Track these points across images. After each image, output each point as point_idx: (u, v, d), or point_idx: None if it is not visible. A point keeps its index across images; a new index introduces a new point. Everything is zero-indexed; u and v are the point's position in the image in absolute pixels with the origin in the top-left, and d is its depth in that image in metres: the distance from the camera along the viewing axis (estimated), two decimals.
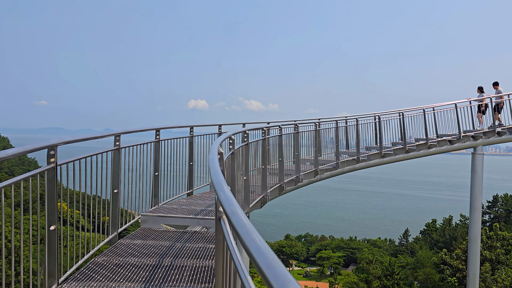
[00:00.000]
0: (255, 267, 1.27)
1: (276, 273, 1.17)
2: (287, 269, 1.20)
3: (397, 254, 68.73)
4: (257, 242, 1.38)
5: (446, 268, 38.38)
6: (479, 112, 17.67)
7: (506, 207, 66.86)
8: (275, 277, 1.16)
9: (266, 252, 1.30)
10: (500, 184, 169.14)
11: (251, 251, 1.33)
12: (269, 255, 1.28)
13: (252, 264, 1.40)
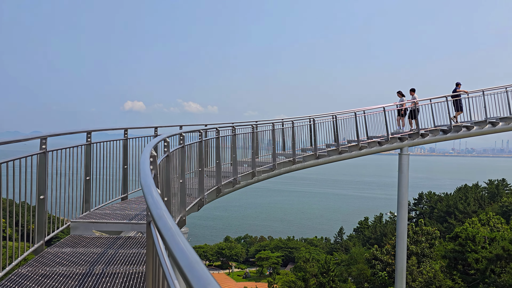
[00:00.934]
0: (178, 270, 1.28)
1: (198, 275, 1.19)
2: (209, 272, 1.22)
3: (333, 251, 71.25)
4: (181, 246, 1.39)
5: (377, 263, 40.38)
6: (399, 115, 18.66)
7: (430, 204, 71.68)
8: (197, 280, 1.18)
9: (189, 255, 1.31)
10: (425, 183, 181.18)
11: (175, 254, 1.34)
12: (192, 258, 1.30)
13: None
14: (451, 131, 18.80)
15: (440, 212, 65.61)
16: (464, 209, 61.73)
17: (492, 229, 43.78)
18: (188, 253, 1.33)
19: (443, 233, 51.64)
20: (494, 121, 18.69)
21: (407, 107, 18.72)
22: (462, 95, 19.14)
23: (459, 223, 54.40)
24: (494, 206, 60.28)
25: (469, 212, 59.52)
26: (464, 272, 37.38)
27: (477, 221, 44.76)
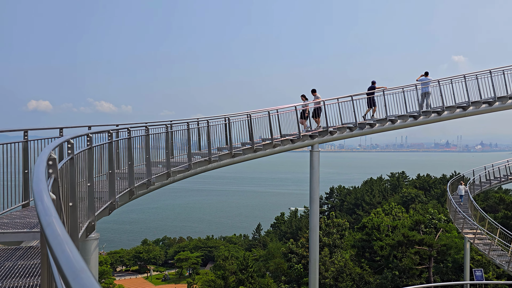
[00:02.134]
0: (62, 279, 1.24)
1: (82, 284, 1.16)
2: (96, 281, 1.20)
3: (251, 248, 72.48)
4: (68, 254, 1.34)
5: (293, 257, 41.90)
6: (302, 118, 19.20)
7: (340, 197, 76.01)
8: None
9: (75, 264, 1.28)
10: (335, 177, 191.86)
11: (60, 263, 1.30)
12: (78, 266, 1.26)
13: None
14: (357, 128, 20.10)
15: (349, 204, 69.88)
16: (370, 201, 66.39)
17: (394, 218, 47.68)
18: (74, 262, 1.29)
19: (352, 224, 55.13)
20: (393, 118, 20.32)
21: (312, 107, 19.35)
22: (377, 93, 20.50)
23: (366, 214, 58.38)
24: (396, 197, 65.64)
25: (375, 203, 64.17)
26: (371, 259, 40.25)
27: (381, 211, 48.43)
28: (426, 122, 20.89)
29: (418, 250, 35.39)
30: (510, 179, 30.23)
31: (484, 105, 20.33)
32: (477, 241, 24.97)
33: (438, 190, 63.48)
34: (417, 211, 50.59)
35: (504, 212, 42.10)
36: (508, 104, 20.31)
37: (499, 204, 44.81)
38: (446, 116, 20.55)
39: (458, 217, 26.64)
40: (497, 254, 23.89)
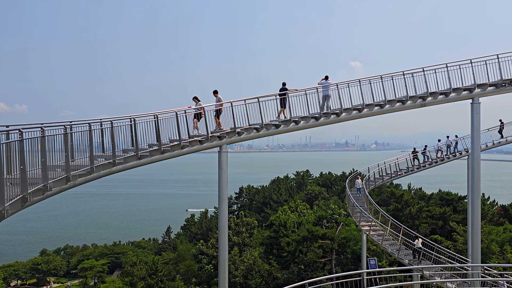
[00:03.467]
0: None
1: None
2: None
3: (161, 252, 70.82)
4: None
5: (203, 258, 41.84)
6: (195, 118, 18.80)
7: (249, 196, 77.55)
8: None
9: None
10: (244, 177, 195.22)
11: None
12: None
13: None
14: (263, 129, 20.74)
15: (258, 203, 71.62)
16: (277, 199, 68.70)
17: (299, 214, 49.92)
18: None
19: (261, 222, 56.57)
20: (297, 120, 21.32)
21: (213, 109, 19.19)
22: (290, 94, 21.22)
23: (274, 212, 60.31)
24: (301, 194, 68.77)
25: (282, 201, 66.56)
26: (278, 255, 41.68)
27: (287, 208, 50.40)
28: (326, 123, 22.22)
29: (322, 244, 37.52)
30: (399, 175, 33.35)
31: (376, 107, 22.21)
32: (372, 232, 27.22)
33: (339, 187, 67.78)
34: (320, 207, 53.54)
35: (395, 205, 46.34)
36: (397, 106, 22.42)
37: (390, 198, 49.15)
38: (344, 117, 22.08)
39: (355, 211, 28.78)
40: (389, 243, 26.27)
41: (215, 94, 19.99)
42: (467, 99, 22.06)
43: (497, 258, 36.47)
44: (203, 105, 18.86)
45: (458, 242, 39.64)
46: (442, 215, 45.91)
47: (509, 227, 43.04)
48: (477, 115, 21.80)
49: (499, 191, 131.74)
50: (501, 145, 31.81)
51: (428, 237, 37.68)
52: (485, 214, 44.37)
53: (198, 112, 18.74)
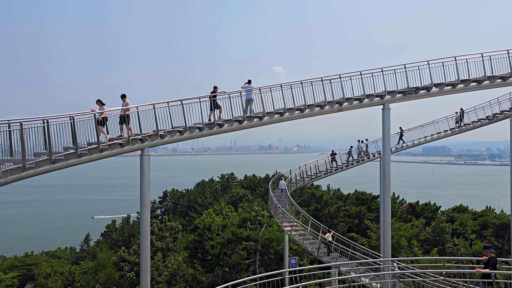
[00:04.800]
0: None
1: None
2: None
3: (79, 261, 66.98)
4: None
5: (125, 265, 40.33)
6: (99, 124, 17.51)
7: (173, 200, 76.25)
8: None
9: None
10: (169, 181, 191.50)
11: None
12: None
13: None
14: (187, 132, 20.59)
15: (183, 207, 70.66)
16: (202, 202, 68.32)
17: (224, 217, 50.11)
18: None
19: (185, 226, 55.89)
20: (220, 123, 21.45)
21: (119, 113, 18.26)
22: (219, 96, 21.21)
23: (198, 215, 59.86)
24: (226, 197, 69.03)
25: (206, 204, 66.31)
26: (203, 259, 41.49)
27: (212, 211, 50.35)
28: (250, 126, 22.60)
29: (246, 246, 37.99)
30: (319, 176, 34.82)
31: (297, 111, 23.05)
32: (294, 232, 28.16)
33: (262, 189, 69.11)
34: (245, 209, 54.17)
35: (315, 205, 48.34)
36: (316, 111, 23.45)
37: (311, 199, 51.19)
38: (267, 121, 22.62)
39: (278, 213, 29.56)
40: (309, 242, 27.35)
41: (122, 98, 18.89)
42: (379, 105, 23.72)
43: (405, 252, 39.50)
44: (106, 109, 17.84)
45: (372, 238, 42.32)
46: (358, 214, 48.74)
47: (416, 223, 46.84)
48: (388, 120, 23.51)
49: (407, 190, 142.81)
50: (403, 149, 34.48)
51: (345, 235, 39.77)
52: (395, 212, 47.87)
53: (103, 116, 17.56)
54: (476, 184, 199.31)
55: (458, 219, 47.82)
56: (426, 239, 43.70)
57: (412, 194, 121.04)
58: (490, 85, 23.74)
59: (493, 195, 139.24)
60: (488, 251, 11.98)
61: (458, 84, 23.58)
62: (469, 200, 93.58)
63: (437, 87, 23.65)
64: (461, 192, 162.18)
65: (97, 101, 18.36)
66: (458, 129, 32.05)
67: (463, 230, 45.06)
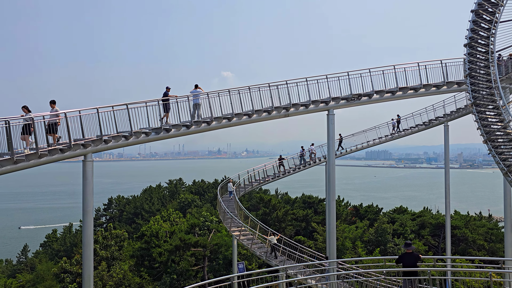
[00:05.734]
0: None
1: None
2: None
3: (16, 274, 63.00)
4: None
5: (67, 276, 38.51)
6: (24, 133, 16.44)
7: (119, 207, 73.90)
8: None
9: None
10: (114, 187, 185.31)
11: None
12: None
13: None
14: (132, 137, 20.11)
15: (129, 214, 68.64)
16: (149, 209, 66.79)
17: (172, 223, 49.28)
18: None
19: (132, 233, 54.32)
20: (168, 127, 21.16)
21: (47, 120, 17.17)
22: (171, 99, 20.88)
23: (145, 222, 58.40)
24: (174, 203, 67.93)
25: (154, 211, 64.89)
26: (150, 267, 40.53)
27: (160, 218, 49.34)
28: (198, 131, 22.50)
29: (194, 252, 37.61)
30: (267, 181, 35.25)
31: (245, 116, 23.24)
32: (242, 237, 28.24)
33: (211, 194, 68.71)
34: (193, 215, 53.60)
35: (264, 209, 48.78)
36: (263, 116, 23.77)
37: (259, 203, 51.58)
38: (215, 126, 22.62)
39: (226, 217, 29.54)
40: (257, 246, 27.54)
41: (51, 104, 17.74)
42: (324, 111, 24.47)
43: (350, 253, 40.83)
44: (32, 115, 16.66)
45: (318, 241, 43.35)
46: (305, 217, 49.76)
47: (360, 225, 48.58)
48: (332, 125, 24.31)
49: (352, 193, 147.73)
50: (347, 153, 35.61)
51: (293, 238, 40.44)
52: (340, 214, 49.39)
53: (27, 123, 16.42)
54: (415, 186, 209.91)
55: (398, 220, 50.12)
56: (369, 240, 45.40)
57: (357, 197, 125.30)
58: (426, 92, 25.23)
59: (430, 197, 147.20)
60: (406, 248, 12.74)
61: (397, 92, 24.86)
62: (408, 202, 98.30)
63: (378, 94, 24.79)
64: (401, 194, 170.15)
65: (23, 107, 16.98)
66: (397, 134, 33.71)
67: (403, 230, 47.26)
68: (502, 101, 19.39)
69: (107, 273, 38.07)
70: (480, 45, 21.14)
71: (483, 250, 44.45)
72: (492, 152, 18.29)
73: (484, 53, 21.00)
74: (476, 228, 47.37)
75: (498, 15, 21.09)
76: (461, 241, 45.86)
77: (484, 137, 18.62)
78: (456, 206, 67.84)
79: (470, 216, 53.51)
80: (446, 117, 32.03)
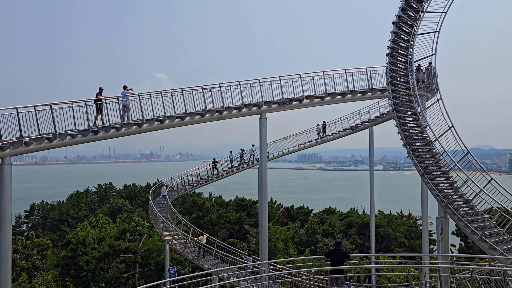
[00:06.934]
0: None
1: None
2: None
3: None
4: None
5: None
6: None
7: (43, 214, 69.45)
8: None
9: None
10: (38, 193, 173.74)
11: None
12: None
13: None
14: (57, 139, 19.06)
15: (53, 220, 64.70)
16: (76, 215, 63.42)
17: (101, 229, 47.22)
18: None
19: (57, 241, 51.25)
20: (96, 129, 20.29)
21: None
22: (104, 100, 19.98)
23: (72, 229, 55.41)
24: (103, 208, 65.14)
25: (81, 217, 61.73)
26: (76, 276, 38.52)
27: (87, 224, 47.08)
28: (128, 134, 21.82)
29: (124, 259, 36.35)
30: (200, 184, 35.00)
31: (177, 119, 22.92)
32: (175, 241, 27.82)
33: (143, 198, 66.81)
34: (124, 220, 51.80)
35: (197, 213, 48.39)
36: (197, 119, 23.61)
37: (193, 206, 51.09)
38: (147, 128, 22.08)
39: (158, 222, 28.94)
40: (190, 250, 27.29)
41: None
42: (256, 114, 24.85)
43: (282, 254, 41.73)
44: None
45: (251, 243, 43.81)
46: (238, 219, 50.06)
47: (292, 226, 49.84)
48: (265, 129, 24.75)
49: (284, 195, 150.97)
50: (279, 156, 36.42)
51: (226, 241, 40.52)
52: (272, 216, 50.32)
53: None
54: (343, 188, 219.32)
55: (327, 220, 52.10)
56: (300, 240, 46.71)
57: (289, 199, 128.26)
58: (352, 98, 26.57)
59: (357, 197, 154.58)
60: (336, 247, 13.41)
61: (326, 97, 25.91)
62: (337, 203, 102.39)
63: (308, 98, 25.68)
64: (330, 196, 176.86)
65: None
66: (326, 137, 35.10)
67: (331, 230, 49.21)
68: (420, 108, 20.92)
69: (28, 285, 35.66)
70: (400, 55, 22.71)
71: (404, 247, 47.53)
72: (411, 155, 19.65)
73: (403, 63, 22.59)
74: (398, 227, 50.55)
75: (416, 28, 22.81)
76: (385, 239, 48.68)
77: (404, 141, 19.96)
78: (380, 206, 71.85)
79: (392, 215, 57.02)
80: (371, 122, 33.93)
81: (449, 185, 18.99)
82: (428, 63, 24.34)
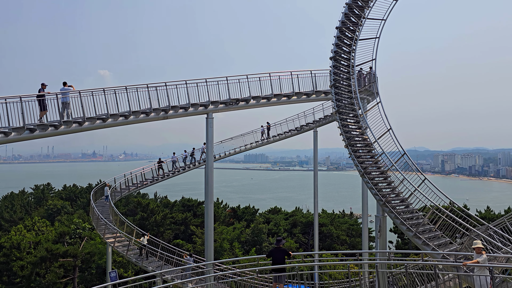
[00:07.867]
0: None
1: None
2: None
3: None
4: None
5: None
6: None
7: None
8: None
9: None
10: None
11: None
12: None
13: None
14: None
15: None
16: (10, 218, 59.68)
17: (37, 233, 44.78)
18: None
19: None
20: (32, 127, 19.23)
21: None
22: (47, 96, 18.89)
23: (6, 232, 52.08)
24: (40, 210, 61.80)
25: (16, 220, 58.21)
26: (10, 282, 36.37)
27: (22, 227, 44.46)
28: (68, 132, 20.87)
29: (63, 263, 34.75)
30: (145, 184, 34.21)
31: (121, 117, 22.25)
32: (118, 244, 27.00)
33: (84, 200, 64.17)
34: (63, 222, 49.48)
35: (141, 214, 47.22)
36: (141, 118, 23.08)
37: (137, 207, 49.81)
38: (88, 126, 21.22)
39: (100, 224, 27.96)
40: (133, 253, 26.61)
41: None
42: (203, 114, 24.71)
43: (228, 254, 41.76)
44: None
45: (197, 244, 43.46)
46: (184, 220, 49.45)
47: (238, 226, 50.00)
48: (211, 129, 24.67)
49: (231, 195, 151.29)
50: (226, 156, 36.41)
51: (171, 242, 39.91)
52: (218, 216, 50.22)
53: None
54: (288, 188, 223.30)
55: (273, 219, 52.81)
56: (246, 240, 46.98)
57: (235, 199, 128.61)
58: (297, 100, 27.16)
59: (301, 197, 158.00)
60: (277, 244, 13.72)
61: (272, 98, 26.29)
62: (282, 202, 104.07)
63: (254, 99, 25.92)
64: (276, 195, 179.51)
65: None
66: (273, 138, 35.56)
67: (277, 230, 49.95)
68: (361, 110, 21.80)
69: None
70: (343, 59, 23.54)
71: (346, 245, 49.26)
72: (352, 156, 20.43)
73: (346, 67, 23.44)
74: (340, 225, 52.28)
75: (358, 33, 23.74)
76: (327, 237, 50.16)
77: (346, 142, 20.71)
78: (324, 205, 73.97)
79: (335, 214, 58.87)
80: (315, 123, 34.82)
81: (387, 184, 19.93)
82: (369, 68, 25.41)
